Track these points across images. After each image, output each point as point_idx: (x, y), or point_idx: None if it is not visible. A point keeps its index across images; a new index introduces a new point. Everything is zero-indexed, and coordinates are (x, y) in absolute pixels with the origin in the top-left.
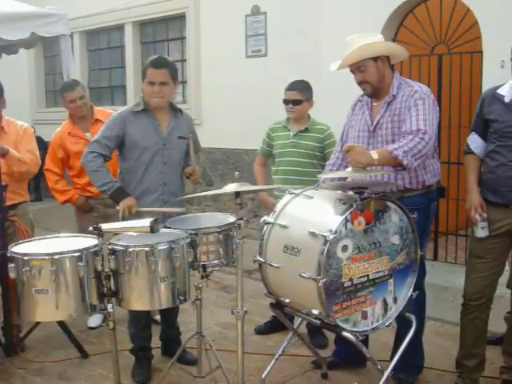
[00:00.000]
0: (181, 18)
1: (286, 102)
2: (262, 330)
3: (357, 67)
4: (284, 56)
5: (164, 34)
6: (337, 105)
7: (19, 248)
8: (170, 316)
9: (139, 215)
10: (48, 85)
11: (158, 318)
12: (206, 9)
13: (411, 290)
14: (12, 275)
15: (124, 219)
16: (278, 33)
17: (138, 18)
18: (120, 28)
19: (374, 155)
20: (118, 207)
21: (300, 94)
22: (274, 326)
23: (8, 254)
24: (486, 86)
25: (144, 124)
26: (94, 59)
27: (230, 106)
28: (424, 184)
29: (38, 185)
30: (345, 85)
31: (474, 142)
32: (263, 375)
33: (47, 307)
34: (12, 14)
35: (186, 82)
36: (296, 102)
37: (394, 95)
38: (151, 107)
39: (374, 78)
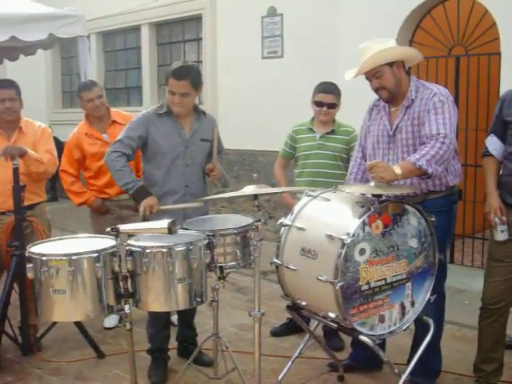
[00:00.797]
0: (197, 19)
1: (320, 104)
2: (277, 332)
3: (373, 74)
4: (300, 57)
5: (180, 36)
6: (353, 106)
7: (37, 248)
8: (186, 317)
9: (160, 214)
10: (64, 85)
11: (174, 319)
12: (222, 10)
13: (429, 293)
14: (30, 275)
15: (145, 218)
16: (295, 34)
17: (154, 19)
18: (136, 29)
19: (397, 170)
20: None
21: (335, 97)
22: (289, 328)
23: (26, 254)
24: (504, 87)
25: (167, 126)
26: (110, 60)
27: (245, 107)
28: (447, 185)
29: (53, 185)
30: (361, 86)
31: (493, 144)
32: (279, 377)
33: (64, 307)
34: (30, 15)
35: (202, 83)
36: (332, 106)
37: (412, 99)
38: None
39: (390, 83)
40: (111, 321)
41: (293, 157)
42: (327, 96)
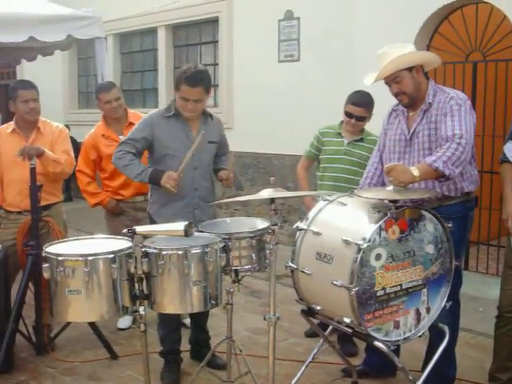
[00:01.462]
0: (214, 21)
1: (349, 115)
2: (312, 334)
3: (392, 79)
4: (317, 61)
5: (197, 38)
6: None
7: (53, 248)
8: (199, 320)
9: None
10: (81, 86)
11: (187, 321)
12: (239, 13)
13: (445, 300)
14: (46, 275)
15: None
16: (311, 38)
17: (171, 21)
18: (153, 31)
19: (415, 172)
20: (151, 210)
21: (366, 111)
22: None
23: (42, 254)
24: None
25: (174, 129)
26: (126, 62)
27: (261, 110)
28: (463, 191)
29: (68, 185)
30: (379, 90)
31: (511, 150)
32: (293, 381)
33: (80, 308)
34: (49, 16)
35: (218, 85)
36: (361, 119)
37: (429, 103)
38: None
39: (410, 88)
40: (125, 322)
41: (317, 158)
42: (357, 109)
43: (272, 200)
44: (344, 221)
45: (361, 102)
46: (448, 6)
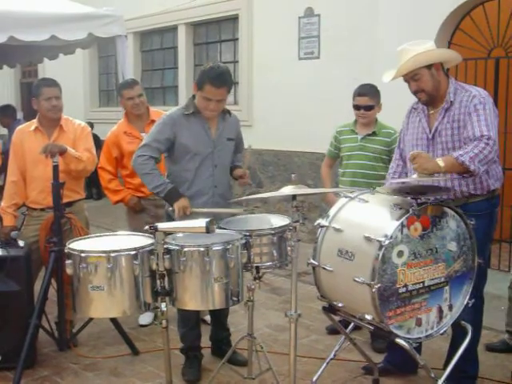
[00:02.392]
0: (234, 19)
1: (357, 107)
2: (334, 329)
3: (411, 76)
4: (337, 58)
5: (217, 36)
6: (391, 108)
7: (76, 245)
8: (220, 317)
9: (193, 216)
10: (101, 85)
11: (207, 318)
12: (258, 10)
13: (467, 298)
14: (69, 271)
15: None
16: (332, 35)
17: (191, 19)
18: (173, 29)
19: (441, 162)
20: (170, 208)
21: (371, 99)
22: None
23: (65, 251)
24: None
25: (195, 127)
26: (146, 60)
27: (281, 107)
28: (489, 189)
29: (89, 183)
30: (399, 87)
31: None
32: (314, 378)
33: (102, 304)
34: (70, 14)
35: (238, 83)
36: (368, 108)
37: (451, 101)
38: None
39: (429, 85)
40: (146, 318)
41: (338, 156)
42: (362, 98)
43: (293, 197)
44: (365, 218)
45: (364, 91)
46: (470, 1)
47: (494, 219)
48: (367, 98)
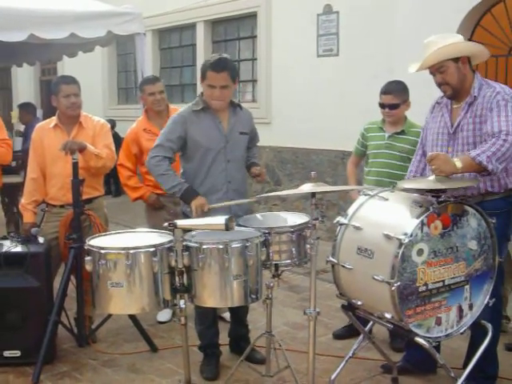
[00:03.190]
0: (252, 16)
1: (382, 106)
2: (340, 335)
3: (436, 68)
4: (356, 56)
5: (235, 33)
6: (416, 103)
7: (96, 241)
8: (239, 314)
9: (210, 213)
10: (120, 82)
11: (226, 315)
12: (277, 8)
13: (488, 297)
14: (88, 268)
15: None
16: (350, 32)
17: (209, 16)
18: (192, 27)
19: (458, 163)
20: (188, 209)
21: (396, 97)
22: (351, 330)
23: (85, 247)
24: None
25: (206, 123)
26: (165, 57)
27: (299, 105)
28: (506, 187)
29: (108, 180)
30: (418, 85)
31: None
32: (332, 377)
33: (121, 300)
34: (89, 12)
35: (257, 80)
36: (393, 107)
37: (475, 96)
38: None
39: (454, 79)
40: (164, 315)
41: (364, 154)
42: (387, 97)
43: (313, 194)
44: (385, 216)
45: (389, 90)
46: None
47: (511, 219)
48: (392, 96)
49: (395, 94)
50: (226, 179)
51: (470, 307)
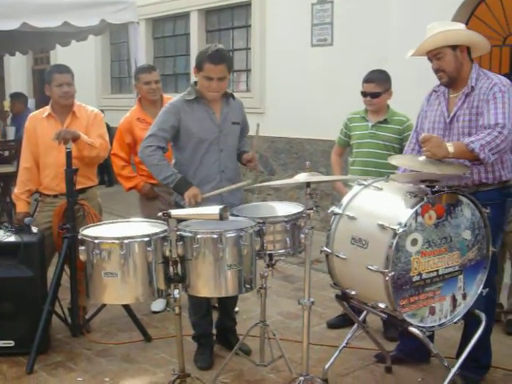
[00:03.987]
0: (246, 6)
1: (364, 94)
2: (334, 324)
3: (434, 54)
4: (350, 45)
5: (229, 22)
6: (403, 96)
7: (90, 231)
8: (227, 306)
9: (204, 203)
10: (113, 71)
11: None
12: None
13: (481, 286)
14: (82, 257)
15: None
16: (345, 22)
17: (203, 5)
18: (185, 16)
19: (450, 148)
20: (182, 201)
21: (378, 86)
22: (346, 320)
23: (79, 237)
24: None
25: (199, 113)
26: (159, 47)
27: (293, 95)
28: (501, 179)
29: (101, 169)
30: (412, 75)
31: None
32: (326, 366)
33: (115, 290)
34: (82, 1)
35: (251, 70)
36: (374, 95)
37: (472, 86)
38: (205, 97)
39: (450, 66)
40: (158, 305)
41: (348, 145)
42: (369, 85)
43: (307, 184)
44: (379, 205)
45: (371, 78)
46: None
47: (505, 209)
48: (374, 84)
49: (377, 83)
50: (220, 169)
51: (464, 297)
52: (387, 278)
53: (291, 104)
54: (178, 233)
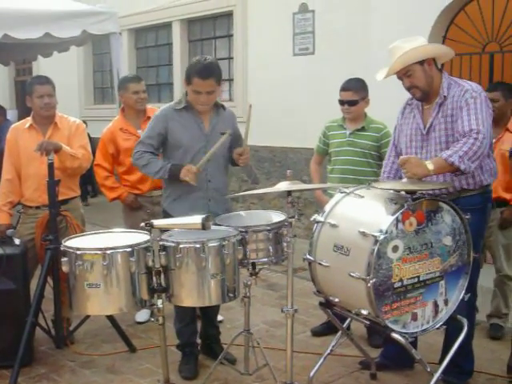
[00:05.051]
0: (228, 15)
1: (341, 102)
2: (318, 332)
3: (403, 73)
4: (332, 54)
5: (211, 32)
6: (385, 103)
7: (72, 242)
8: (209, 314)
9: (201, 172)
10: (96, 82)
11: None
12: (253, 6)
13: (463, 292)
14: (65, 269)
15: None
16: (326, 31)
17: (185, 15)
18: (167, 26)
19: (430, 165)
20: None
21: (355, 93)
22: (330, 327)
23: (61, 248)
24: None
25: (187, 122)
26: (141, 57)
27: (276, 104)
28: (481, 184)
29: (85, 180)
30: (394, 83)
31: None
32: (311, 374)
33: (98, 301)
34: (64, 11)
35: (233, 79)
36: (351, 103)
37: (444, 96)
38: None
39: (422, 81)
40: (143, 315)
41: (327, 153)
42: (346, 93)
43: (289, 193)
44: (361, 213)
45: (348, 86)
46: None
47: (486, 214)
48: (351, 92)
49: (354, 91)
50: (206, 178)
51: (446, 302)
52: (369, 285)
53: (274, 113)
54: (161, 243)
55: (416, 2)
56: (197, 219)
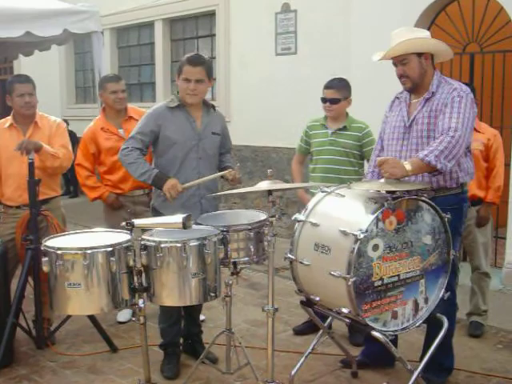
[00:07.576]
0: (211, 15)
1: (323, 100)
2: (300, 331)
3: (399, 60)
4: (314, 54)
5: (194, 31)
6: (366, 102)
7: (53, 242)
8: (192, 313)
9: (185, 193)
10: (78, 81)
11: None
12: (235, 6)
13: (443, 290)
14: (45, 269)
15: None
16: (308, 31)
17: (167, 15)
18: (150, 25)
19: (408, 166)
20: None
21: (338, 92)
22: (312, 326)
23: (41, 248)
24: None
25: (179, 120)
26: (123, 56)
27: (259, 103)
28: (458, 181)
29: (66, 180)
30: (374, 83)
31: None
32: (292, 372)
33: (79, 301)
34: (45, 10)
35: (215, 79)
36: (333, 101)
37: (433, 92)
38: (186, 103)
39: (415, 73)
40: (124, 315)
41: (308, 152)
42: (328, 91)
43: (269, 192)
44: (341, 212)
45: (331, 85)
46: None
47: (462, 214)
48: (333, 90)
49: (337, 89)
50: (198, 176)
51: (426, 301)
52: (349, 283)
53: (256, 112)
54: (142, 242)
55: (397, 2)
56: (178, 218)
